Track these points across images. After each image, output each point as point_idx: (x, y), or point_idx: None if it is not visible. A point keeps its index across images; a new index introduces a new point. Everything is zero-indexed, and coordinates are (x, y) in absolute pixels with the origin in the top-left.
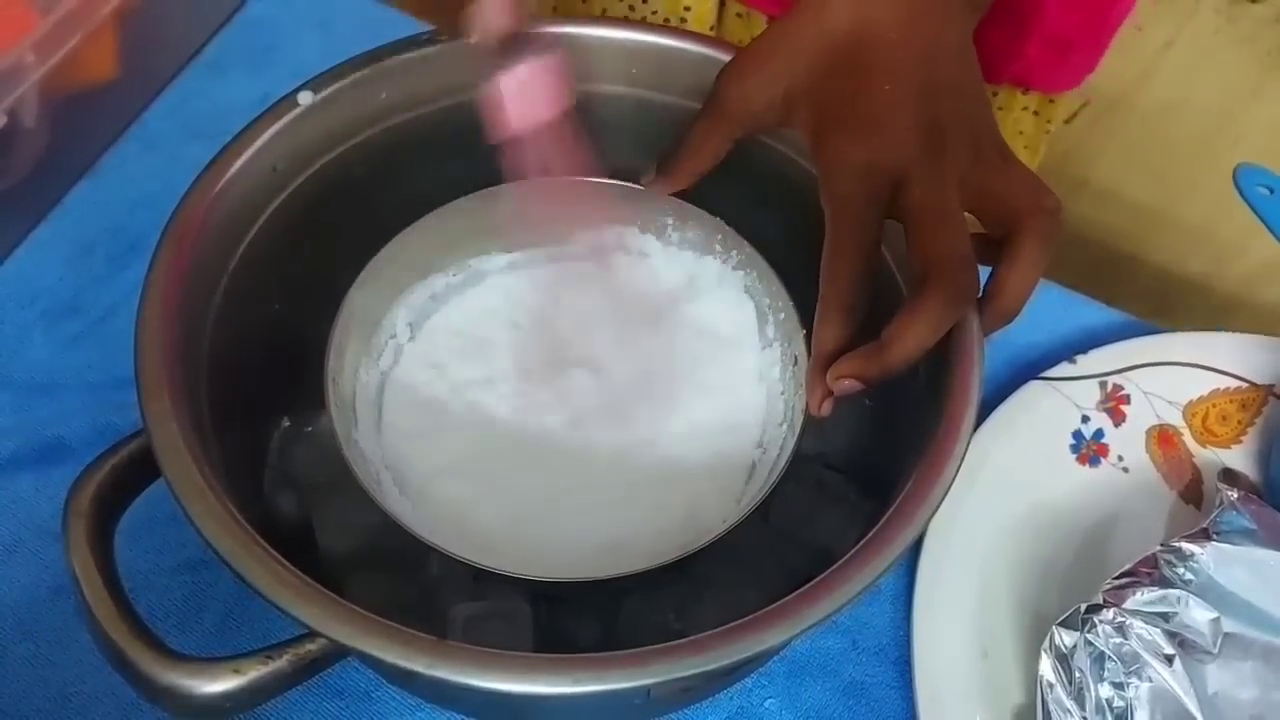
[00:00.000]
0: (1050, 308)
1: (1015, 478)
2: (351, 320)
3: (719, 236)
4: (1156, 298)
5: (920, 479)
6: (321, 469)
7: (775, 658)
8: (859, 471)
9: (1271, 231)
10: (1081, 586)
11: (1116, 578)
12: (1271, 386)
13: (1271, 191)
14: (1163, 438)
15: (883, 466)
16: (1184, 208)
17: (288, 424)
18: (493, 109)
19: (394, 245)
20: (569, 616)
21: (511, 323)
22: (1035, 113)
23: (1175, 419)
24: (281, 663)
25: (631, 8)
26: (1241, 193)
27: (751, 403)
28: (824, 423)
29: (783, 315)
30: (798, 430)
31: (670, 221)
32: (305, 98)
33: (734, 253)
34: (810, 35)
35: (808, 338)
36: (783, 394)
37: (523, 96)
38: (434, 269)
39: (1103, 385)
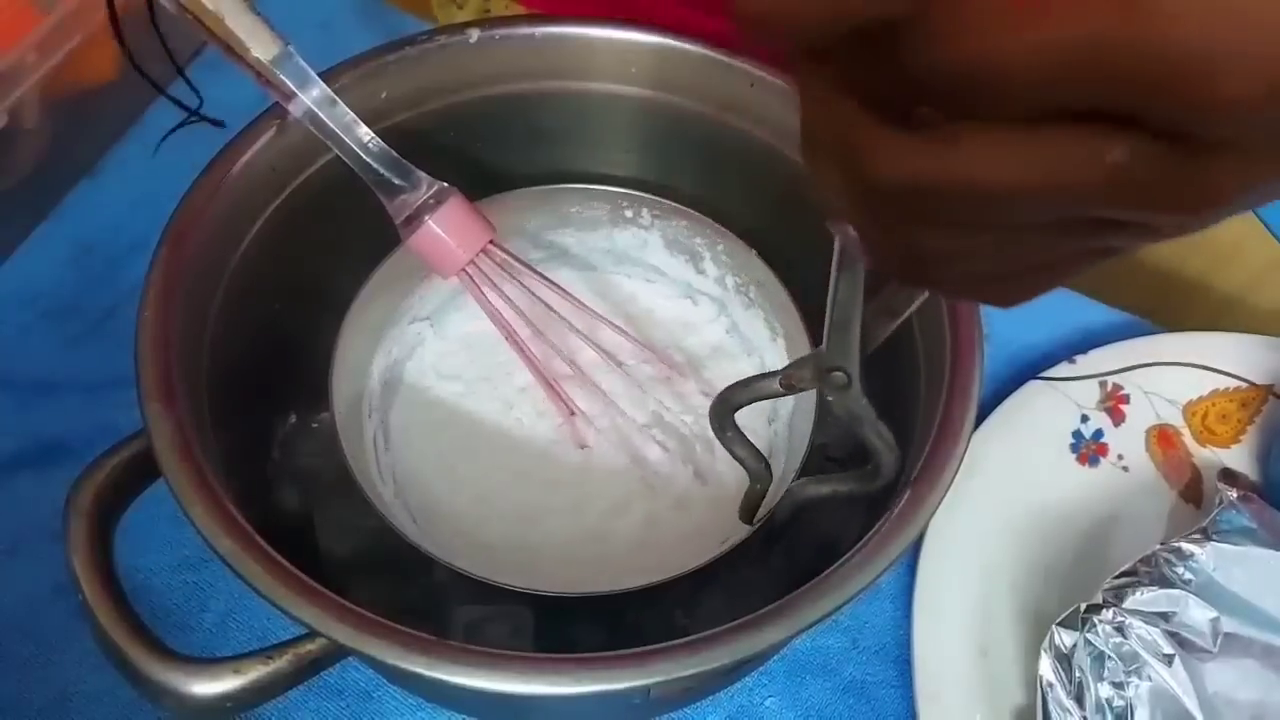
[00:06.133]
0: (1050, 308)
1: (1015, 477)
2: (355, 332)
3: (707, 231)
4: (1156, 297)
5: (920, 478)
6: (324, 469)
7: (775, 657)
8: (860, 463)
9: (1271, 231)
10: (1081, 586)
11: (1116, 577)
12: (1271, 386)
13: None
14: (1162, 437)
15: None
16: None
17: (293, 421)
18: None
19: (397, 256)
20: (572, 618)
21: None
22: None
23: (1175, 418)
24: (282, 663)
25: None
26: None
27: (757, 405)
28: (826, 416)
29: (785, 314)
30: (807, 434)
31: (657, 216)
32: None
33: (721, 249)
34: None
35: (811, 336)
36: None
37: (446, 243)
38: (435, 280)
39: (1102, 385)
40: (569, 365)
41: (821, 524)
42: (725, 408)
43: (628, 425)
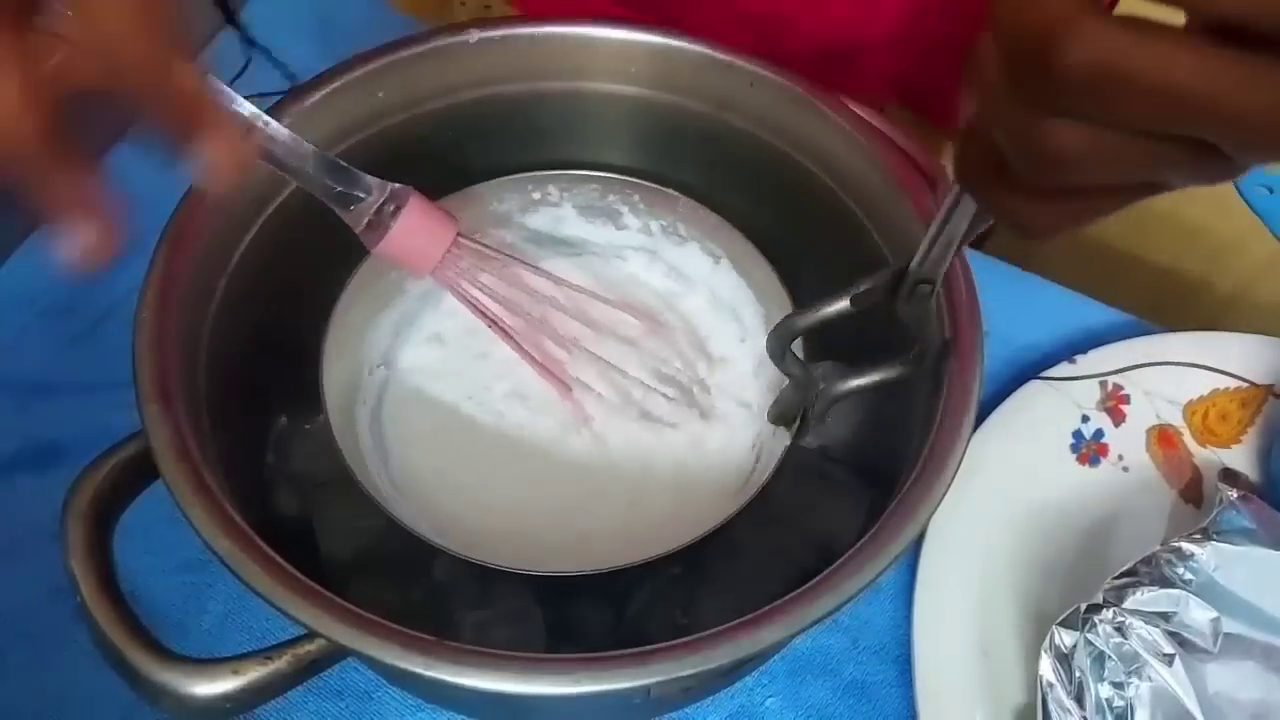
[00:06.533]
0: (1050, 307)
1: (1015, 477)
2: (344, 325)
3: (618, 187)
4: (1156, 297)
5: (920, 478)
6: (322, 469)
7: (776, 657)
8: (860, 463)
9: (1271, 230)
10: (1082, 586)
11: (1116, 577)
12: (1271, 386)
13: (1271, 191)
14: (1163, 437)
15: (883, 462)
16: (1183, 206)
17: (285, 422)
18: (400, 263)
19: (372, 260)
20: (574, 619)
21: (499, 320)
22: None
23: (1175, 418)
24: (281, 663)
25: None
26: (1240, 192)
27: (751, 392)
28: (825, 415)
29: (721, 235)
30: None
31: (565, 189)
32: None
33: (637, 199)
34: None
35: (760, 247)
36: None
37: (414, 244)
38: (383, 320)
39: (1103, 385)
40: (558, 341)
41: (824, 516)
42: (786, 336)
43: (629, 384)
